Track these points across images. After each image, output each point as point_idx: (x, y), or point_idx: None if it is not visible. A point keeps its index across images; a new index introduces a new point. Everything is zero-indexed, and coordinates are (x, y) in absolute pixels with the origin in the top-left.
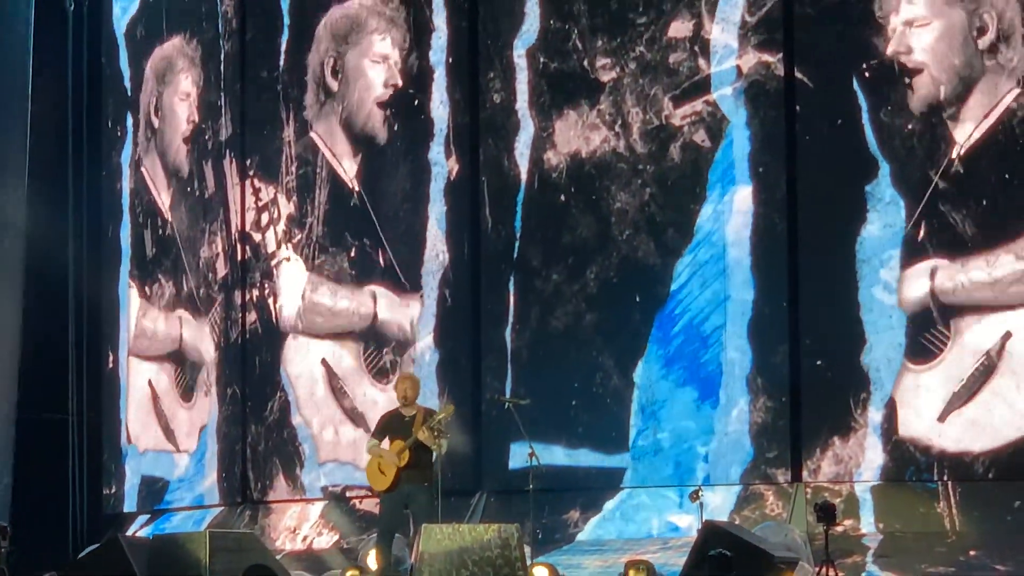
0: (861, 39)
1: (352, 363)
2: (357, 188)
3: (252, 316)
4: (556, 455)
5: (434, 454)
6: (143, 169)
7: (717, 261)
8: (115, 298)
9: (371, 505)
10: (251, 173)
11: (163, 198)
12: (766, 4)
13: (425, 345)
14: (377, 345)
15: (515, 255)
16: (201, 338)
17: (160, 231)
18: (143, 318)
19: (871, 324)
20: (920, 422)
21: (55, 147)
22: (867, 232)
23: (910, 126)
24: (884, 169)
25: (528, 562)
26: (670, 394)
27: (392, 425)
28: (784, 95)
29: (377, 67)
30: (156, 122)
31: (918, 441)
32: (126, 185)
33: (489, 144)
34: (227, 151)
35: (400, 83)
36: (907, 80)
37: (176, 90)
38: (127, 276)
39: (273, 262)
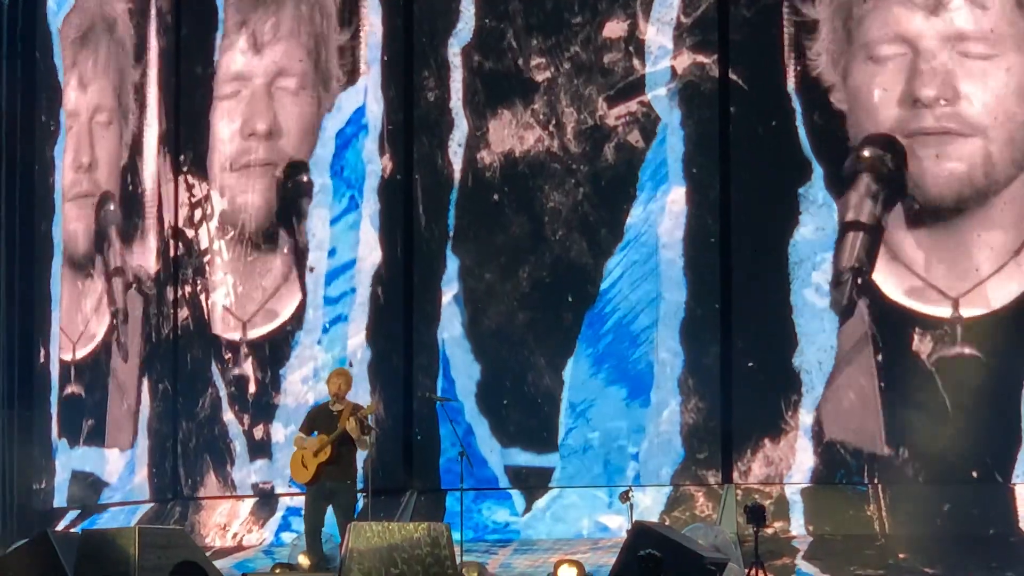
0: (796, 41)
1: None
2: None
3: (184, 312)
4: (487, 454)
5: (359, 452)
6: (76, 164)
7: (648, 261)
8: (47, 293)
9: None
10: (184, 169)
11: (96, 193)
12: (701, 5)
13: (357, 343)
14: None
15: (448, 254)
16: (132, 333)
17: (94, 226)
18: (75, 313)
19: (803, 326)
20: (850, 424)
21: None
22: (800, 235)
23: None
24: (817, 172)
25: (458, 561)
26: (600, 393)
27: (319, 419)
28: (719, 96)
29: None
30: (92, 116)
31: (848, 444)
32: (59, 180)
33: (423, 143)
34: (161, 147)
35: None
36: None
37: (112, 83)
38: (59, 271)
39: (205, 258)
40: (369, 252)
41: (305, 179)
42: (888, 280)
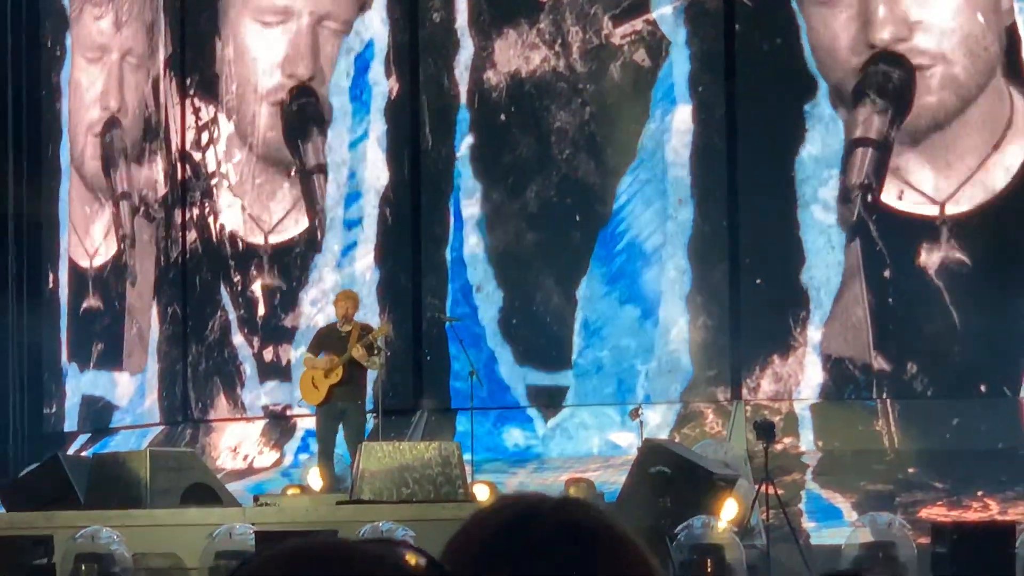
0: None
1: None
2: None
3: (192, 235)
4: (498, 374)
5: (369, 372)
6: (83, 88)
7: (659, 181)
8: (55, 218)
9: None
10: (191, 92)
11: (103, 119)
12: None
13: (366, 264)
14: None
15: (455, 175)
16: (141, 258)
17: (101, 150)
18: (83, 235)
19: (810, 243)
20: (859, 340)
21: None
22: (806, 152)
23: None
24: (823, 88)
25: (469, 479)
26: (612, 312)
27: (328, 340)
28: (724, 15)
29: None
30: (98, 41)
31: (856, 359)
32: (65, 105)
33: (429, 64)
34: (167, 70)
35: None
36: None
37: (116, 8)
38: (67, 195)
39: (213, 181)
40: (377, 174)
41: (316, 103)
42: (891, 192)
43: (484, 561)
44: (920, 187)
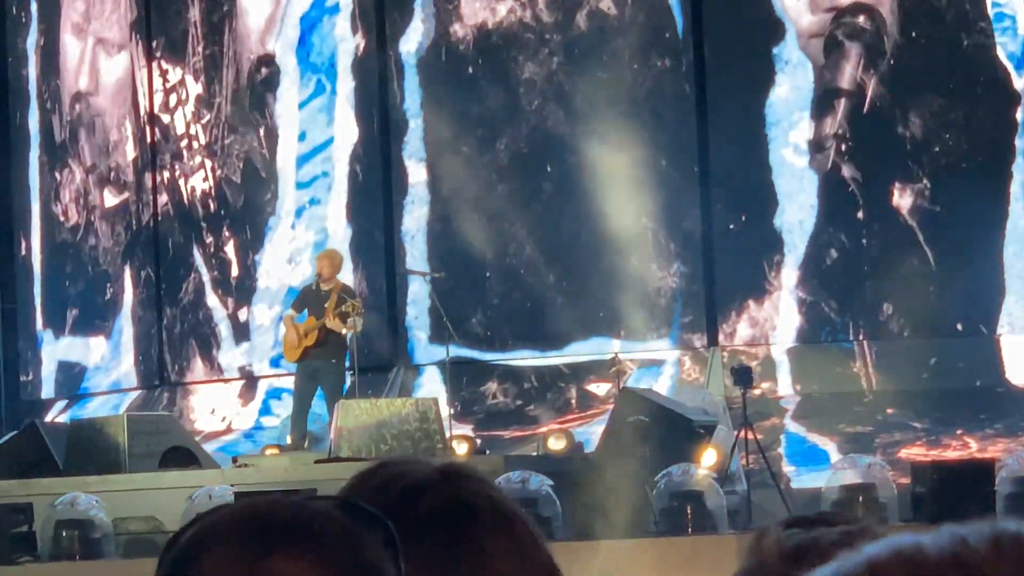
0: None
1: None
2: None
3: (164, 198)
4: (473, 327)
5: (348, 334)
6: (53, 53)
7: (625, 128)
8: (25, 184)
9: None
10: (158, 55)
11: (71, 82)
12: None
13: (337, 222)
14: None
15: (424, 128)
16: (113, 221)
17: (69, 115)
18: (54, 201)
19: (782, 187)
20: (834, 283)
21: None
22: (776, 95)
23: None
24: (791, 31)
25: (447, 435)
26: (586, 261)
27: (308, 298)
28: None
29: None
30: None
31: (832, 302)
32: (32, 71)
33: (395, 18)
34: (133, 33)
35: None
36: None
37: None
38: (36, 162)
39: (183, 143)
40: (346, 130)
41: (283, 62)
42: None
43: None
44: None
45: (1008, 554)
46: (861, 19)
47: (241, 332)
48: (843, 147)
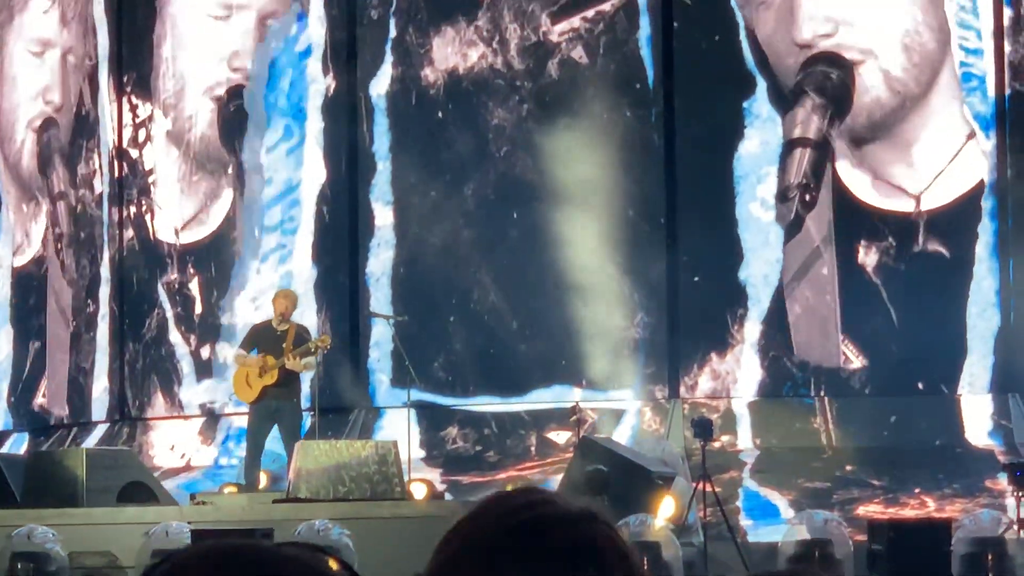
0: None
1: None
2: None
3: (129, 233)
4: (435, 371)
5: (304, 373)
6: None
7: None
8: None
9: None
10: (128, 89)
11: (43, 115)
12: None
13: (303, 263)
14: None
15: (392, 171)
16: (79, 255)
17: (37, 148)
18: (19, 234)
19: (748, 240)
20: (797, 338)
21: None
22: (744, 149)
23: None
24: (761, 86)
25: (406, 478)
26: (551, 310)
27: (262, 337)
28: (661, 10)
29: None
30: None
31: (794, 357)
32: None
33: (366, 61)
34: (106, 67)
35: None
36: None
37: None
38: (1, 192)
39: (151, 179)
40: (314, 171)
41: (252, 101)
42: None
43: (493, 551)
44: (855, 189)
45: None
46: (830, 71)
47: (203, 369)
48: (807, 198)
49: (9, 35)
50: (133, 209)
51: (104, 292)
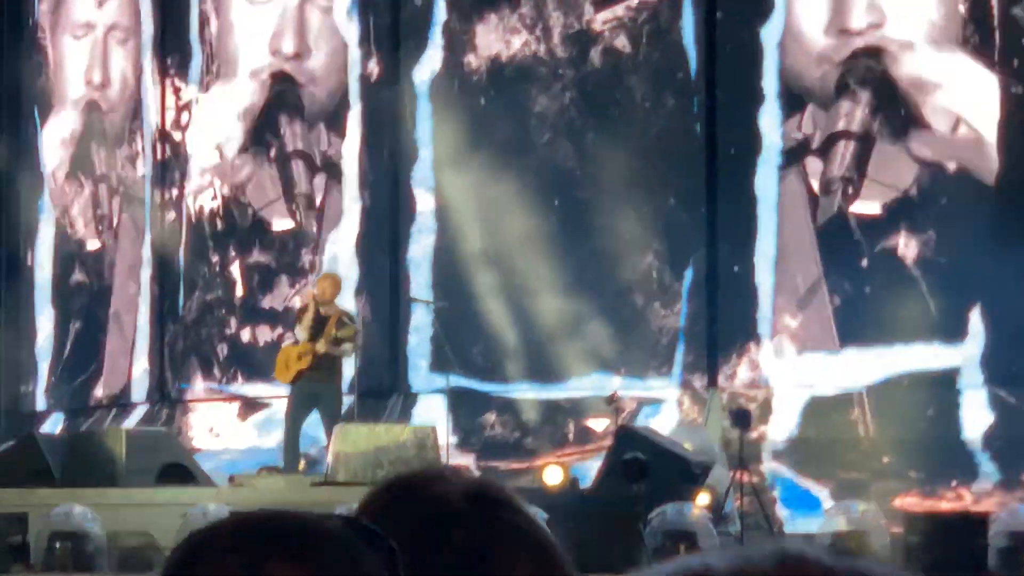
0: None
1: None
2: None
3: (171, 215)
4: (474, 357)
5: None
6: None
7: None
8: (35, 197)
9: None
10: (171, 72)
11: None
12: None
13: (345, 247)
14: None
15: (434, 158)
16: (121, 236)
17: (82, 131)
18: (62, 215)
19: (788, 231)
20: (836, 328)
21: None
22: (786, 140)
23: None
24: (803, 77)
25: (444, 463)
26: (591, 297)
27: (308, 320)
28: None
29: None
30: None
31: (832, 348)
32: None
33: (410, 46)
34: (152, 49)
35: None
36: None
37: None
38: (49, 175)
39: (192, 161)
40: (357, 157)
41: (297, 85)
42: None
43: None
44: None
45: (791, 572)
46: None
47: (243, 352)
48: (849, 190)
49: (57, 20)
50: (175, 192)
51: (145, 274)
